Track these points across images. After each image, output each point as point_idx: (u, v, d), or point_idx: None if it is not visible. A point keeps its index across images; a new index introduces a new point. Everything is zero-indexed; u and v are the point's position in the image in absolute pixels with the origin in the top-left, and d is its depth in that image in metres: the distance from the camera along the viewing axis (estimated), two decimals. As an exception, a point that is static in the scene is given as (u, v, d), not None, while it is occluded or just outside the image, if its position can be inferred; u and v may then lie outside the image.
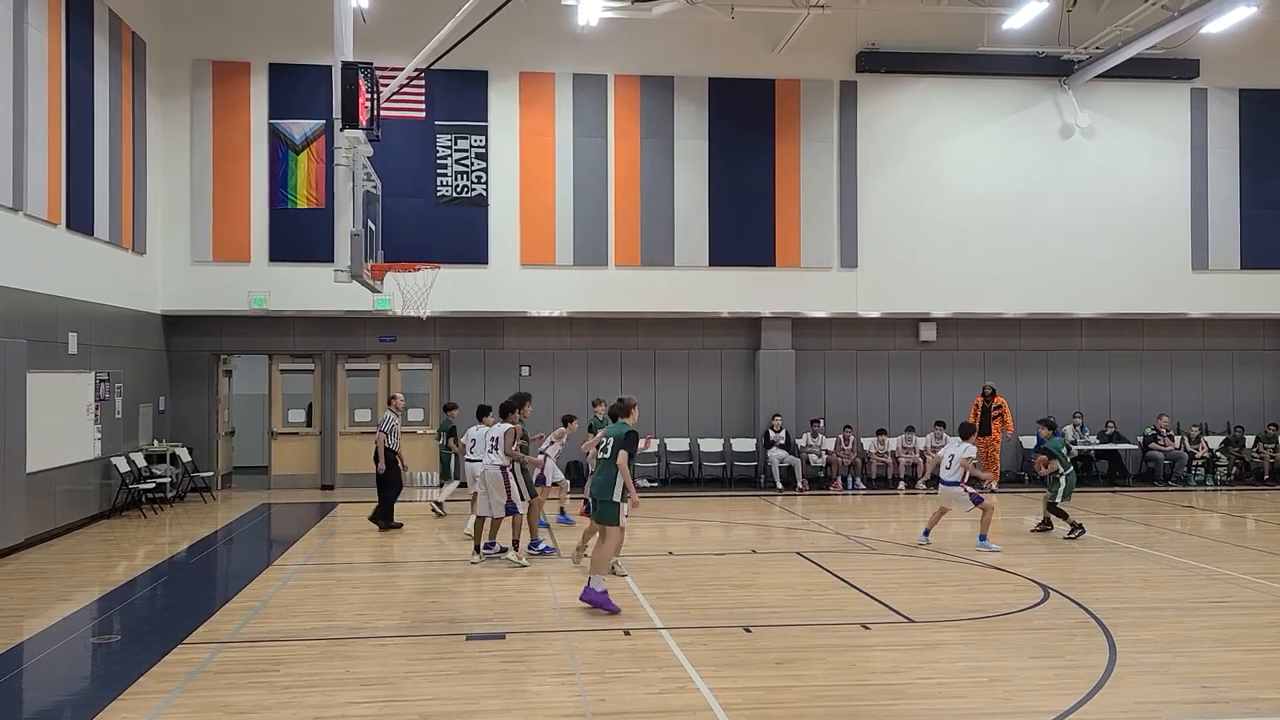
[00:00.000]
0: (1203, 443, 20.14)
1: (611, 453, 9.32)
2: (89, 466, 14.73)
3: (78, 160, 14.46)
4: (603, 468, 9.39)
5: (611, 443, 9.38)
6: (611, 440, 9.40)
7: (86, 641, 8.66)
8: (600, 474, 9.41)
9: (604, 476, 9.34)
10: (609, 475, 9.29)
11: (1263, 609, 9.30)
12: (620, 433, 9.40)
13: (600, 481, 9.37)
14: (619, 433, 9.42)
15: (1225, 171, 20.45)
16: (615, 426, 9.56)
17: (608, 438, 9.48)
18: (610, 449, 9.35)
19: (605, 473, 9.34)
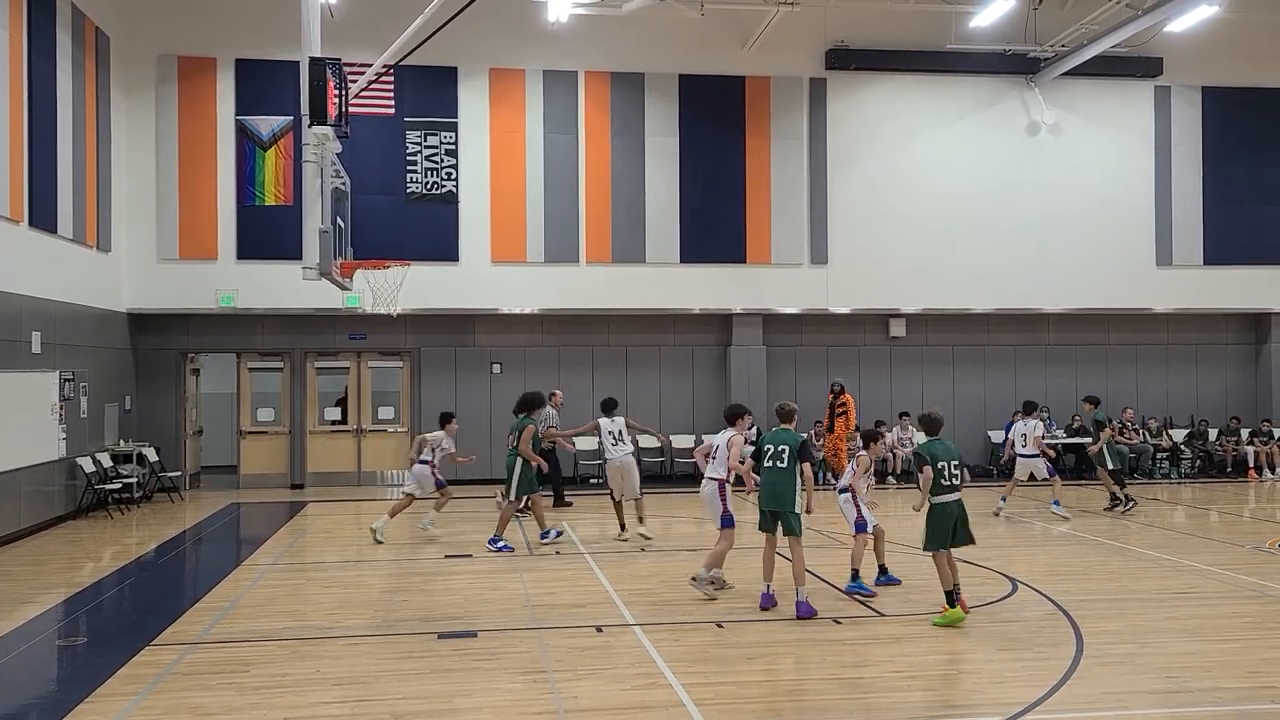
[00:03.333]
0: (1166, 436, 20.42)
1: (789, 462, 8.84)
2: (54, 467, 14.54)
3: (40, 157, 14.26)
4: (783, 477, 8.86)
5: (787, 451, 8.89)
6: (786, 448, 8.90)
7: (52, 644, 8.55)
8: (781, 484, 8.88)
9: (786, 487, 8.87)
10: (792, 484, 8.84)
11: (1226, 599, 9.45)
12: (796, 441, 8.94)
13: (783, 492, 8.87)
14: (795, 441, 8.94)
15: (1188, 168, 20.74)
16: (787, 434, 9.02)
17: (779, 445, 8.94)
18: (787, 458, 8.87)
19: (787, 483, 8.86)
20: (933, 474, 8.40)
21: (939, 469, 8.42)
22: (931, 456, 8.47)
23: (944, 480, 8.40)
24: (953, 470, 8.47)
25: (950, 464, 8.48)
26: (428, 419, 19.19)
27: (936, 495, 8.42)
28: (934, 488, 8.40)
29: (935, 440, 8.69)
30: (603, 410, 13.43)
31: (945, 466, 8.42)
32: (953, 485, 8.47)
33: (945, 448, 8.60)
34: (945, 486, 8.41)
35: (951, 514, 8.45)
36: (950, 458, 8.52)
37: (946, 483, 8.41)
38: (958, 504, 8.49)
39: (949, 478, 8.44)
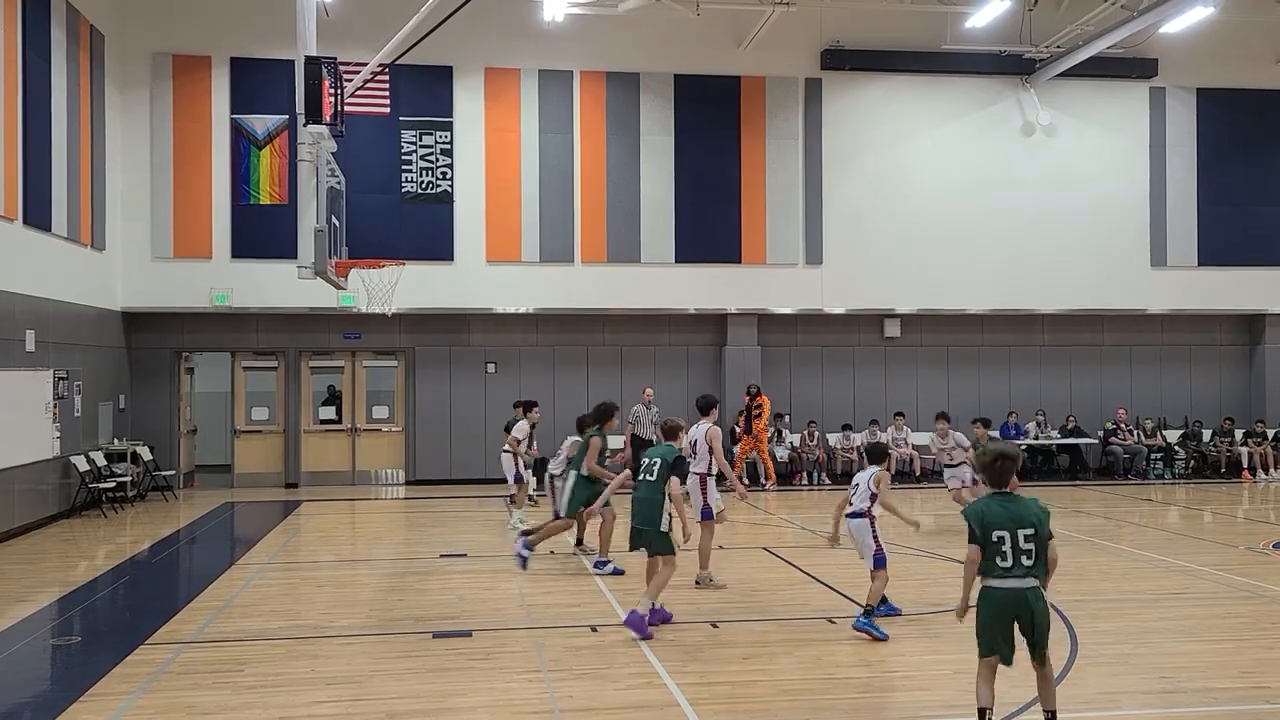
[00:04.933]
0: (1160, 436, 20.47)
1: (658, 476, 8.33)
2: (47, 466, 14.50)
3: (34, 154, 14.22)
4: (652, 493, 8.34)
5: (658, 464, 8.39)
6: (659, 461, 8.41)
7: (46, 643, 8.53)
8: (649, 500, 8.34)
9: (654, 505, 8.31)
10: (660, 502, 8.29)
11: (1220, 600, 9.47)
12: (670, 456, 8.45)
13: (651, 512, 8.31)
14: (670, 456, 8.47)
15: (1183, 169, 20.79)
16: (665, 448, 8.61)
17: (653, 459, 8.47)
18: (657, 472, 8.35)
19: (656, 500, 8.32)
20: (981, 552, 5.57)
21: (993, 542, 5.52)
22: (982, 526, 5.55)
23: (1000, 561, 5.51)
24: (1022, 544, 5.52)
25: (1016, 534, 5.52)
26: (422, 418, 19.23)
27: (990, 578, 5.57)
28: (987, 568, 5.56)
29: (995, 497, 5.65)
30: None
31: (1005, 538, 5.51)
32: (1013, 567, 5.50)
33: (1006, 510, 5.56)
34: (1001, 569, 5.52)
35: (1008, 607, 5.55)
36: (1014, 524, 5.52)
37: (1006, 563, 5.50)
38: (1024, 595, 5.51)
39: (1010, 555, 5.51)
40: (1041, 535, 5.53)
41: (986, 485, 5.78)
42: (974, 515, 5.62)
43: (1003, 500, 5.61)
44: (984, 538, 5.53)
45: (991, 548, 5.52)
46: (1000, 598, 5.55)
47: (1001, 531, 5.51)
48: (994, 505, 5.60)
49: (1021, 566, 5.50)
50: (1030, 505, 5.60)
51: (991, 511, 5.57)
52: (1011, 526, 5.51)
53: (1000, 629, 5.58)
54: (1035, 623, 5.53)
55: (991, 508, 5.59)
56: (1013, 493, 5.67)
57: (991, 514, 5.56)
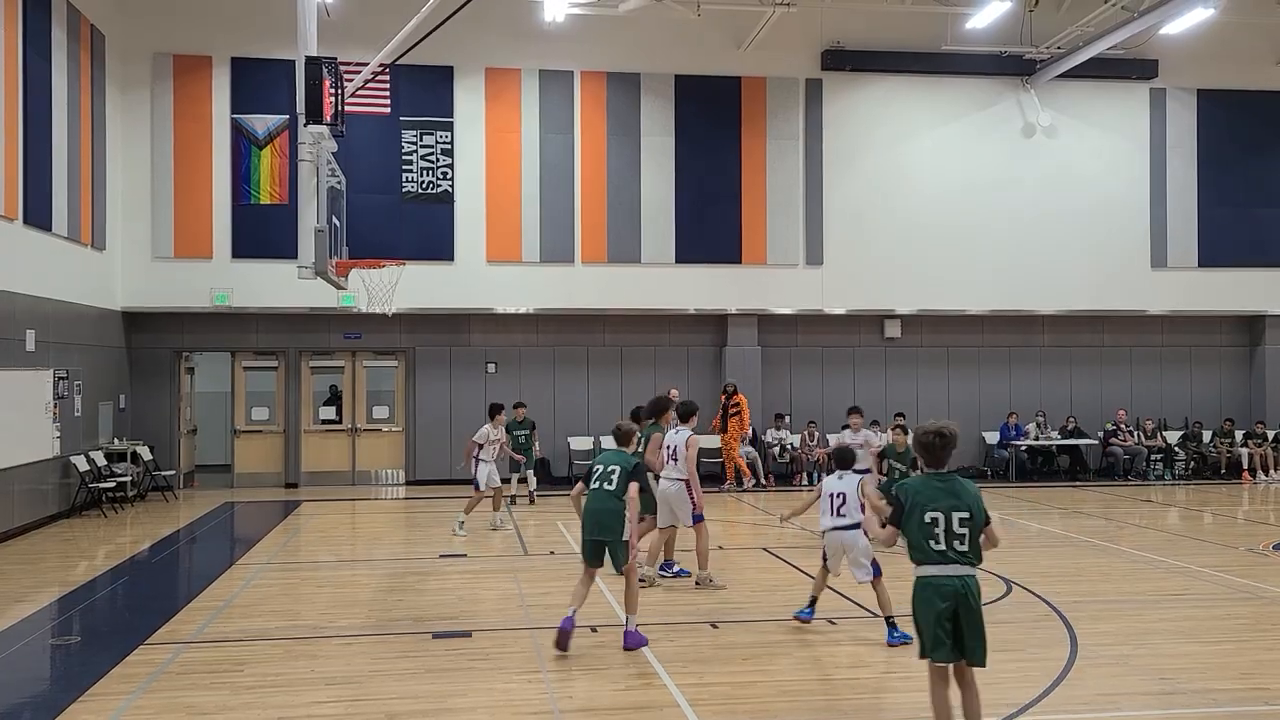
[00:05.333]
0: (1160, 437, 20.46)
1: (619, 485, 7.75)
2: (47, 465, 14.51)
3: (35, 154, 14.22)
4: (613, 503, 7.76)
5: (618, 471, 7.81)
6: (618, 468, 7.82)
7: (46, 643, 8.53)
8: (610, 510, 7.74)
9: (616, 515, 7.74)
10: (622, 511, 7.72)
11: (1220, 601, 9.46)
12: (629, 463, 7.88)
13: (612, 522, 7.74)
14: (628, 463, 7.87)
15: (1183, 170, 20.79)
16: (620, 455, 8.00)
17: (610, 465, 7.88)
18: (618, 479, 7.77)
19: (617, 509, 7.74)
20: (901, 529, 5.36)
21: (925, 523, 5.24)
22: (913, 505, 5.29)
23: (933, 544, 5.23)
24: (956, 528, 5.22)
25: (950, 516, 5.22)
26: (422, 419, 19.23)
27: (925, 565, 5.30)
28: (919, 552, 5.29)
29: (932, 477, 5.41)
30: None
31: (939, 519, 5.23)
32: (946, 551, 5.22)
33: (941, 490, 5.29)
34: (935, 553, 5.24)
35: (945, 596, 5.21)
36: (950, 506, 5.23)
37: (939, 545, 5.23)
38: (963, 583, 5.24)
39: (944, 538, 5.22)
40: (977, 520, 5.22)
41: (924, 465, 5.50)
42: (907, 492, 5.31)
43: (939, 480, 5.32)
44: (916, 518, 5.23)
45: (923, 529, 5.21)
46: (938, 586, 5.20)
47: (935, 513, 5.20)
48: (929, 484, 5.31)
49: (955, 551, 5.19)
50: (967, 486, 5.29)
51: (926, 490, 5.27)
52: (946, 508, 5.20)
53: (941, 622, 5.19)
54: (972, 618, 5.22)
55: (927, 487, 5.30)
56: (949, 473, 5.36)
57: (926, 493, 5.25)
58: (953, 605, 5.18)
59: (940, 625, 5.19)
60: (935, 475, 5.35)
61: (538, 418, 18.64)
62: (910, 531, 5.26)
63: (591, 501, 7.79)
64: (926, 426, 5.41)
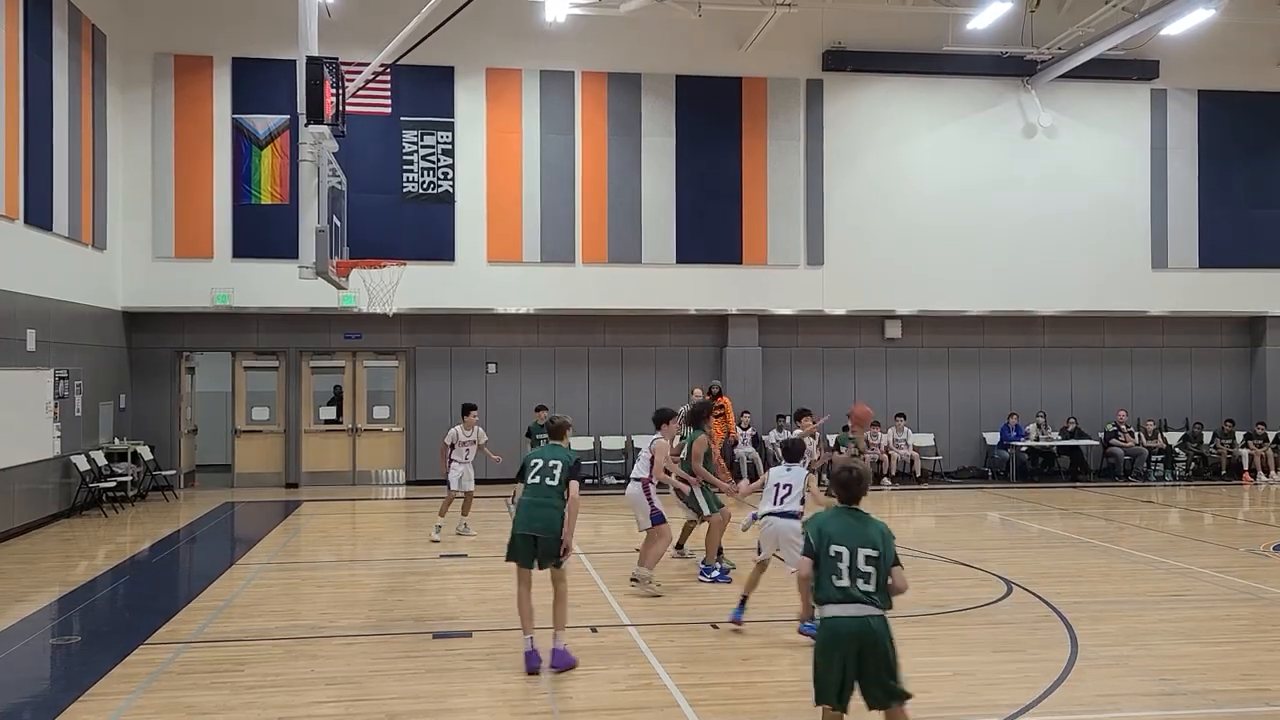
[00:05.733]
0: (1161, 438, 20.46)
1: (560, 479, 7.33)
2: (48, 465, 14.51)
3: (36, 154, 14.22)
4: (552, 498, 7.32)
5: (560, 466, 7.40)
6: (559, 463, 7.42)
7: (46, 643, 8.54)
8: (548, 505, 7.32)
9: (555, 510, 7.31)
10: (562, 507, 7.32)
11: (1220, 602, 9.46)
12: (570, 458, 7.47)
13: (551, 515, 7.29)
14: (569, 458, 7.48)
15: (1184, 171, 20.79)
16: (560, 450, 7.60)
17: (550, 460, 7.45)
18: (559, 475, 7.36)
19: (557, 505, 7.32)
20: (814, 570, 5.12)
21: (830, 557, 5.06)
22: (819, 538, 5.13)
23: (835, 579, 5.02)
24: (861, 565, 5.01)
25: (856, 552, 5.03)
26: (423, 419, 19.22)
27: (829, 604, 5.03)
28: (822, 591, 5.05)
29: (842, 512, 5.22)
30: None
31: (843, 554, 5.03)
32: (850, 588, 4.98)
33: (849, 526, 5.13)
34: (838, 590, 5.01)
35: (846, 638, 4.96)
36: (856, 542, 5.06)
37: (841, 581, 5.00)
38: (867, 624, 4.97)
39: (847, 574, 5.00)
40: (885, 559, 5.02)
41: (838, 500, 5.28)
42: (813, 526, 5.22)
43: (849, 515, 5.19)
44: (820, 552, 5.06)
45: (827, 563, 5.03)
46: (840, 627, 4.95)
47: (840, 547, 5.04)
48: (837, 519, 5.18)
49: (859, 590, 4.95)
50: (877, 525, 5.15)
51: (833, 525, 5.15)
52: (852, 544, 5.04)
53: (837, 666, 4.92)
54: (879, 662, 4.92)
55: (834, 521, 5.17)
56: (861, 510, 5.21)
57: (832, 527, 5.13)
58: (853, 648, 4.92)
59: (832, 671, 4.95)
60: (846, 510, 5.21)
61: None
62: (814, 568, 5.08)
63: (530, 495, 7.34)
64: (843, 462, 5.30)
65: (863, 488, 5.24)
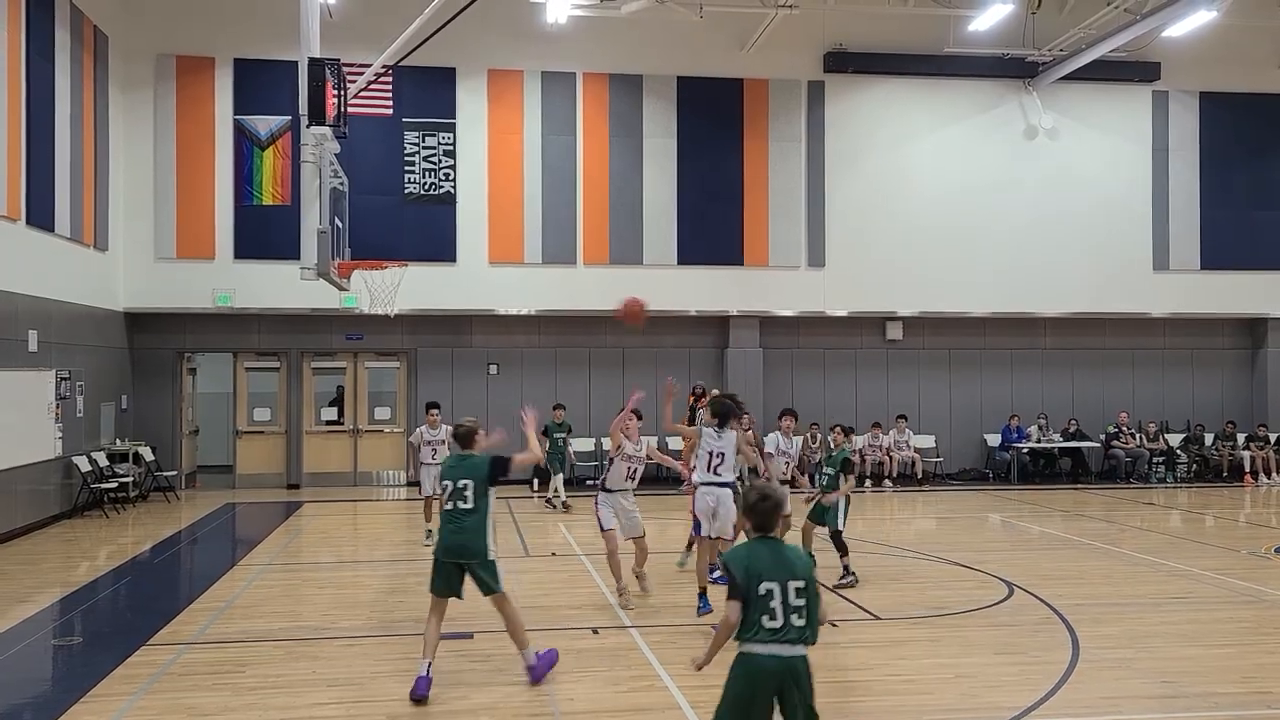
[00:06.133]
0: (1162, 440, 20.45)
1: (475, 500, 6.95)
2: (49, 466, 14.52)
3: (38, 155, 14.23)
4: (469, 521, 6.91)
5: (471, 486, 6.94)
6: (470, 484, 6.95)
7: (48, 644, 8.54)
8: (467, 529, 6.90)
9: (475, 533, 6.92)
10: (483, 528, 6.94)
11: (1222, 604, 9.46)
12: (482, 470, 6.97)
13: (470, 540, 6.90)
14: (480, 472, 6.98)
15: (1186, 173, 20.78)
16: (470, 464, 7.04)
17: (460, 480, 6.96)
18: (472, 496, 6.93)
19: (476, 527, 6.92)
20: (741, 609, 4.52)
21: (760, 596, 4.48)
22: (747, 576, 4.52)
23: (767, 620, 4.47)
24: (793, 600, 4.49)
25: (786, 587, 4.50)
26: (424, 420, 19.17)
27: (752, 643, 4.50)
28: (750, 630, 4.50)
29: (761, 542, 4.66)
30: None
31: (774, 591, 4.48)
32: (783, 629, 4.46)
33: (774, 558, 4.56)
34: (768, 631, 4.47)
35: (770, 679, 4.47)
36: (785, 575, 4.52)
37: (774, 622, 4.47)
38: (794, 665, 4.50)
39: (780, 613, 4.48)
40: (811, 588, 4.52)
41: (749, 531, 4.74)
42: (737, 562, 4.54)
43: (770, 546, 4.60)
44: (748, 591, 4.45)
45: (758, 604, 4.44)
46: (764, 666, 4.43)
47: (770, 584, 4.45)
48: (761, 551, 4.57)
49: (793, 629, 4.44)
50: (799, 553, 4.65)
51: (758, 558, 4.53)
52: (782, 578, 4.47)
53: (751, 710, 4.44)
54: (802, 702, 4.47)
55: (758, 554, 4.55)
56: (776, 539, 4.67)
57: (758, 561, 4.52)
58: (775, 688, 4.45)
59: (757, 711, 4.47)
60: (765, 541, 4.63)
61: (541, 421, 18.63)
62: (743, 606, 4.50)
63: (447, 522, 6.90)
64: (756, 487, 4.76)
65: (778, 514, 4.69)
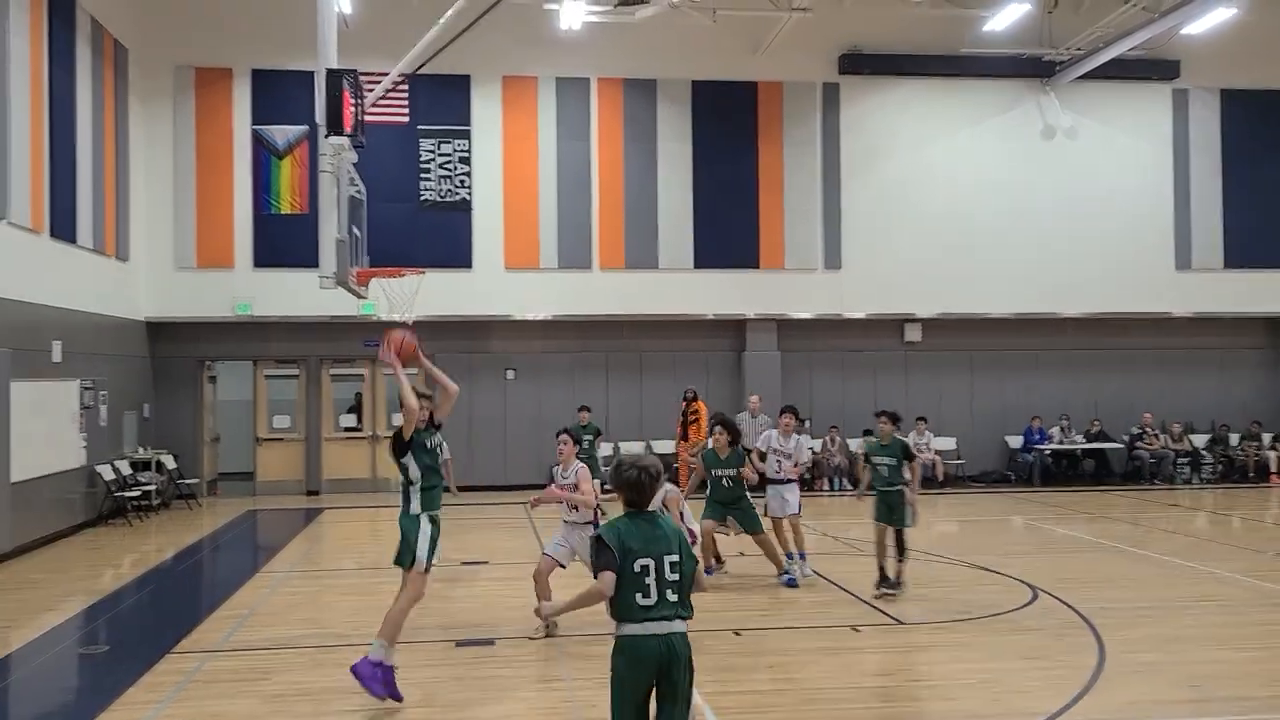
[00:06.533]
0: (1187, 441, 20.27)
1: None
2: (74, 475, 14.62)
3: (60, 167, 14.36)
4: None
5: None
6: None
7: (74, 652, 8.59)
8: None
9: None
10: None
11: (1251, 607, 9.36)
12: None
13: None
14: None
15: (1207, 171, 20.61)
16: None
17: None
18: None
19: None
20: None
21: (634, 573, 4.42)
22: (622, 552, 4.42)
23: (641, 598, 4.42)
24: (668, 575, 4.44)
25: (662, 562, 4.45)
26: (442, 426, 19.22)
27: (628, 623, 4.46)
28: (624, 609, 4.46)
29: (635, 518, 4.55)
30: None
31: (649, 567, 4.44)
32: (657, 605, 4.45)
33: (649, 533, 4.48)
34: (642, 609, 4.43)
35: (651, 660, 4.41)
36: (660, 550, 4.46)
37: (648, 600, 4.42)
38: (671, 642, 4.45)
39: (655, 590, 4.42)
40: (686, 565, 4.45)
41: (626, 504, 4.54)
42: (612, 535, 4.41)
43: (643, 521, 4.48)
44: (623, 567, 4.34)
45: (632, 581, 4.33)
46: (644, 649, 4.33)
47: (645, 559, 4.36)
48: (634, 527, 4.44)
49: (667, 604, 4.36)
50: (671, 524, 4.54)
51: (633, 534, 4.41)
52: (657, 553, 4.38)
53: (640, 692, 4.38)
54: (681, 677, 4.39)
55: (633, 530, 4.43)
56: (652, 512, 4.55)
57: (633, 537, 4.40)
58: (658, 668, 4.38)
59: (637, 697, 4.42)
60: (639, 516, 4.50)
61: (558, 425, 18.52)
62: (617, 585, 4.38)
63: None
64: (629, 460, 4.56)
65: (656, 488, 4.57)
